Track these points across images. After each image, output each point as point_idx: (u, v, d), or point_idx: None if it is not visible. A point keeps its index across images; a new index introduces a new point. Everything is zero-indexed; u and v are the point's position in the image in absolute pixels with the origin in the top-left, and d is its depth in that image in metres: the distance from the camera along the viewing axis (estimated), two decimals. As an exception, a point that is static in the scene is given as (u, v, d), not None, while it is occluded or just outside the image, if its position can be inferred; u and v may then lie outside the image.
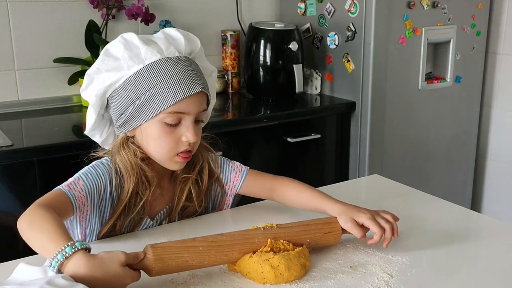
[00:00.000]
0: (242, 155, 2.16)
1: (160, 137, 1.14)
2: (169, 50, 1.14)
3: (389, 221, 1.11)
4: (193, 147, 1.18)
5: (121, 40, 1.14)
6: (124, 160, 1.17)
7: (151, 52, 1.12)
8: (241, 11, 2.57)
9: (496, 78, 2.66)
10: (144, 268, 0.95)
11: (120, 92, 1.14)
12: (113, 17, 2.24)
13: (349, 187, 1.58)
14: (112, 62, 1.13)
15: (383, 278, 1.01)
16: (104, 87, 1.14)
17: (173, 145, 1.14)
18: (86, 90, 1.17)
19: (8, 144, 1.70)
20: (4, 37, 2.10)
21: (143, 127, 1.15)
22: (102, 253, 0.92)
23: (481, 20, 2.53)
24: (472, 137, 2.68)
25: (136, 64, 1.12)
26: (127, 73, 1.13)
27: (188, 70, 1.14)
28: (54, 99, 2.21)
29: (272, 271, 0.98)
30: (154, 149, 1.16)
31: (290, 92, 2.35)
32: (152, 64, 1.12)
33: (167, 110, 1.11)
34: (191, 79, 1.13)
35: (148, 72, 1.12)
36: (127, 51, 1.12)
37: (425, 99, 2.43)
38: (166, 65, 1.12)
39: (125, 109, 1.14)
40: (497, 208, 2.75)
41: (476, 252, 1.16)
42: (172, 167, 1.19)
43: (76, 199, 1.12)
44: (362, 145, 2.34)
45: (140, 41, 1.14)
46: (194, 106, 1.14)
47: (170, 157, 1.16)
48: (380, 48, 2.24)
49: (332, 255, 1.09)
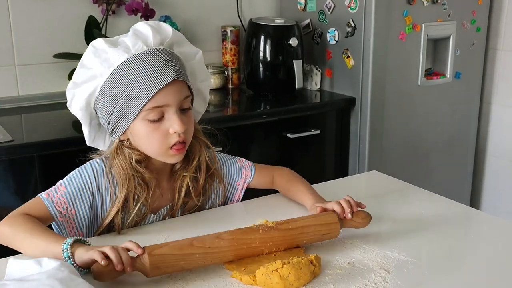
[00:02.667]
0: (241, 151, 2.16)
1: (148, 135, 1.14)
2: (136, 47, 1.13)
3: (346, 199, 1.17)
4: (185, 137, 1.17)
5: (90, 48, 1.15)
6: (118, 166, 1.17)
7: (118, 53, 1.12)
8: (241, 7, 2.57)
9: (496, 74, 2.66)
10: (140, 271, 0.97)
11: (100, 100, 1.15)
12: (113, 12, 2.24)
13: (348, 183, 1.59)
14: (86, 72, 1.14)
15: (380, 274, 1.02)
16: (85, 99, 1.15)
17: (162, 139, 1.14)
18: (71, 106, 1.18)
19: (8, 139, 1.71)
20: (4, 33, 2.10)
21: (131, 129, 1.16)
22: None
23: (481, 16, 2.52)
24: (472, 133, 2.68)
25: (106, 68, 1.12)
26: (101, 80, 1.13)
27: (157, 61, 1.12)
28: (54, 95, 2.21)
29: (282, 283, 0.94)
30: (146, 148, 1.17)
31: (290, 87, 2.35)
32: (121, 65, 1.12)
33: (146, 107, 1.11)
34: (162, 70, 1.11)
35: (119, 74, 1.12)
36: (96, 58, 1.13)
37: (424, 95, 2.43)
38: (134, 62, 1.12)
39: (109, 115, 1.15)
40: (496, 204, 2.76)
41: (474, 249, 1.16)
42: (169, 160, 1.20)
43: (55, 205, 1.14)
44: (361, 141, 2.34)
45: (107, 45, 1.14)
46: (172, 96, 1.13)
47: (163, 152, 1.16)
48: (380, 44, 2.24)
49: (329, 251, 1.10)
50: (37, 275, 0.88)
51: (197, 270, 1.02)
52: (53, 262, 0.92)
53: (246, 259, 1.03)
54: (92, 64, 1.13)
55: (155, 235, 1.16)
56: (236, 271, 0.99)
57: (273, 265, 0.96)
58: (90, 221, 1.19)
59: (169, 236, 1.15)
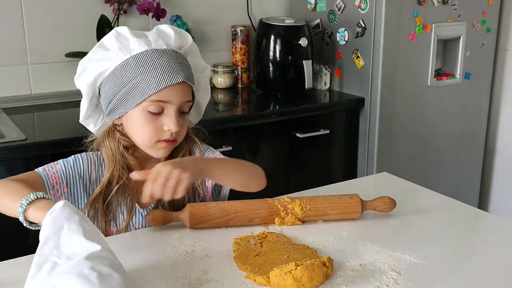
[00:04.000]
0: (251, 150, 2.18)
1: (143, 124, 1.19)
2: (157, 43, 1.19)
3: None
4: (177, 137, 1.21)
5: (113, 33, 1.21)
6: (107, 148, 1.22)
7: (139, 43, 1.18)
8: (251, 7, 2.58)
9: (506, 75, 2.65)
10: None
11: (108, 81, 1.19)
12: (124, 12, 2.25)
13: (358, 185, 1.59)
14: (103, 52, 1.20)
15: (392, 276, 1.03)
16: (94, 76, 1.20)
17: (154, 132, 1.19)
18: (78, 78, 1.23)
19: (22, 138, 1.73)
20: (17, 32, 2.12)
21: (128, 115, 1.20)
22: None
23: (491, 16, 2.52)
24: (481, 134, 2.68)
25: (124, 54, 1.18)
26: (115, 63, 1.18)
27: (173, 61, 1.18)
28: (66, 93, 2.23)
29: (295, 284, 0.95)
30: (137, 136, 1.21)
31: (299, 87, 2.36)
32: (139, 54, 1.17)
33: (150, 98, 1.16)
34: (175, 69, 1.17)
35: (134, 61, 1.17)
36: (118, 42, 1.18)
37: (434, 95, 2.43)
38: (152, 55, 1.17)
39: (112, 97, 1.19)
40: (505, 205, 2.76)
41: (484, 251, 1.17)
42: (156, 154, 1.23)
43: (49, 178, 1.18)
44: (370, 141, 2.35)
45: (131, 33, 1.19)
46: (176, 96, 1.18)
47: (152, 143, 1.20)
48: (389, 45, 2.24)
49: (341, 253, 1.11)
50: (81, 258, 0.87)
51: (211, 271, 1.03)
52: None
53: (259, 260, 1.05)
54: (111, 46, 1.19)
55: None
56: (250, 272, 1.01)
57: (286, 267, 0.97)
58: (80, 204, 1.22)
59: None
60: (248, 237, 1.15)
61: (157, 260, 1.08)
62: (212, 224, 1.20)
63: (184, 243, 1.14)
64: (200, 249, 1.12)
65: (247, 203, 1.23)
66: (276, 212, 1.22)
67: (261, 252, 1.08)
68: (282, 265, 0.99)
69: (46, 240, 0.89)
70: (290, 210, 1.22)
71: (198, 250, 1.11)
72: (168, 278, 1.01)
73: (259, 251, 1.09)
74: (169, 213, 1.20)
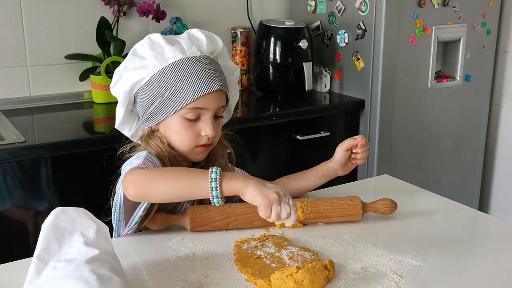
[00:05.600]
0: (251, 153, 2.18)
1: (181, 131, 1.21)
2: (191, 50, 1.20)
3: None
4: (213, 141, 1.24)
5: (147, 40, 1.21)
6: (156, 147, 1.23)
7: (174, 51, 1.18)
8: (251, 9, 2.58)
9: (506, 77, 2.65)
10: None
11: (145, 89, 1.21)
12: (124, 14, 2.25)
13: (359, 187, 1.59)
14: (138, 61, 1.20)
15: (393, 279, 1.02)
16: (131, 85, 1.21)
17: (193, 138, 1.21)
18: (114, 87, 1.24)
19: (21, 140, 1.72)
20: (17, 34, 2.12)
21: (166, 122, 1.22)
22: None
23: (491, 18, 2.52)
24: (481, 136, 2.68)
25: (160, 63, 1.19)
26: (152, 71, 1.19)
27: (208, 69, 1.19)
28: (65, 95, 2.23)
29: (296, 287, 0.95)
30: (176, 142, 1.23)
31: (299, 89, 2.36)
32: (175, 63, 1.18)
33: (188, 106, 1.18)
34: (211, 77, 1.19)
35: (171, 70, 1.18)
36: (152, 50, 1.19)
37: (434, 97, 2.43)
38: (188, 64, 1.18)
39: (150, 105, 1.21)
40: (505, 207, 2.75)
41: (485, 253, 1.17)
42: (193, 158, 1.26)
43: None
44: (371, 143, 2.34)
45: (165, 41, 1.20)
46: (213, 103, 1.20)
47: (190, 149, 1.23)
48: (390, 47, 2.24)
49: (343, 256, 1.11)
50: (80, 261, 0.87)
51: (212, 274, 1.03)
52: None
53: (260, 263, 1.04)
54: (146, 54, 1.19)
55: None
56: (250, 275, 1.00)
57: (288, 270, 0.97)
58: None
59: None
60: (249, 239, 1.15)
61: (157, 263, 1.07)
62: (212, 227, 1.20)
63: (184, 246, 1.14)
64: (201, 252, 1.11)
65: (248, 206, 1.21)
66: None
67: (261, 255, 1.07)
68: (283, 268, 0.98)
69: (46, 246, 0.88)
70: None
71: (198, 253, 1.11)
72: (169, 281, 1.00)
73: (260, 254, 1.08)
74: (169, 216, 1.20)
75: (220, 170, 1.01)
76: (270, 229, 1.22)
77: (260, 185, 0.98)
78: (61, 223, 0.91)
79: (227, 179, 1.00)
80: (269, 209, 0.97)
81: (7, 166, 1.68)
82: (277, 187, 0.99)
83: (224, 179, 1.00)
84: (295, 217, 0.98)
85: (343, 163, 1.33)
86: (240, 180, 1.00)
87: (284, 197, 0.98)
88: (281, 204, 0.97)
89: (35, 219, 1.73)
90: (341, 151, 1.33)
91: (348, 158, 1.33)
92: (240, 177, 1.01)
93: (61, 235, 0.90)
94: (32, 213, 1.74)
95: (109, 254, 0.92)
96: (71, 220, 0.92)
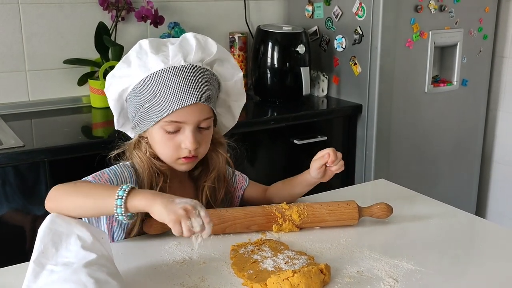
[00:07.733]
0: (249, 157, 2.18)
1: (162, 142, 1.20)
2: (175, 59, 1.16)
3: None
4: (196, 153, 1.21)
5: (136, 47, 1.20)
6: (136, 157, 1.23)
7: (156, 61, 1.16)
8: (249, 14, 2.59)
9: (503, 82, 2.67)
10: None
11: (131, 97, 1.21)
12: (122, 19, 2.26)
13: (355, 192, 1.60)
14: (124, 69, 1.20)
15: (389, 283, 1.03)
16: (118, 92, 1.21)
17: (173, 150, 1.20)
18: (107, 92, 1.25)
19: (19, 144, 1.73)
20: (16, 38, 2.12)
21: (149, 132, 1.22)
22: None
23: (488, 23, 2.53)
24: (478, 140, 2.69)
25: (142, 72, 1.17)
26: (135, 80, 1.18)
27: (188, 80, 1.16)
28: (63, 100, 2.23)
29: None
30: (159, 152, 1.22)
31: (297, 94, 2.37)
32: (155, 73, 1.16)
33: (165, 119, 1.17)
34: (189, 90, 1.15)
35: (151, 81, 1.17)
36: (137, 59, 1.18)
37: (431, 102, 2.44)
38: (168, 75, 1.16)
39: (135, 113, 1.21)
40: (502, 211, 2.76)
41: (481, 257, 1.17)
42: (179, 168, 1.24)
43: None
44: (368, 148, 2.35)
45: (151, 49, 1.18)
46: (191, 116, 1.17)
47: (173, 160, 1.22)
48: (387, 52, 2.25)
49: (339, 260, 1.11)
50: (78, 265, 0.87)
51: (209, 278, 1.03)
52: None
53: (257, 267, 1.05)
54: (132, 62, 1.19)
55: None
56: (247, 279, 1.01)
57: (284, 274, 0.97)
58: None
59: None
60: (245, 244, 1.15)
61: (154, 267, 1.08)
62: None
63: (181, 250, 1.14)
64: (198, 256, 1.12)
65: (245, 210, 1.23)
66: (273, 218, 1.22)
67: (258, 259, 1.08)
68: (279, 272, 0.99)
69: (43, 250, 0.89)
70: (287, 217, 1.23)
71: (195, 257, 1.11)
72: (166, 285, 1.01)
73: (257, 258, 1.08)
74: None
75: (130, 187, 0.99)
76: (267, 233, 1.22)
77: (166, 202, 0.96)
78: (57, 227, 0.92)
79: (132, 197, 0.99)
80: (177, 225, 0.95)
81: (5, 171, 1.69)
82: (186, 201, 0.97)
83: (129, 197, 0.99)
84: (209, 228, 0.96)
85: (321, 176, 1.30)
86: (147, 198, 0.98)
87: (193, 210, 0.96)
88: (191, 218, 0.95)
89: (33, 224, 1.73)
90: (314, 169, 1.29)
91: (324, 171, 1.29)
92: (148, 195, 1.00)
93: (58, 239, 0.90)
94: (30, 217, 1.74)
95: (106, 258, 0.92)
96: (67, 224, 0.93)
